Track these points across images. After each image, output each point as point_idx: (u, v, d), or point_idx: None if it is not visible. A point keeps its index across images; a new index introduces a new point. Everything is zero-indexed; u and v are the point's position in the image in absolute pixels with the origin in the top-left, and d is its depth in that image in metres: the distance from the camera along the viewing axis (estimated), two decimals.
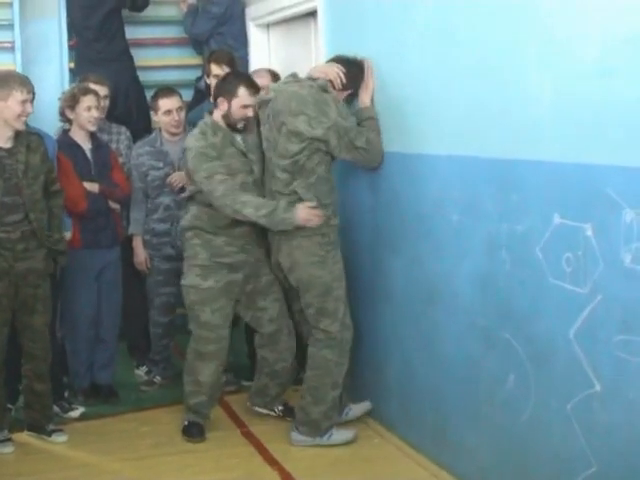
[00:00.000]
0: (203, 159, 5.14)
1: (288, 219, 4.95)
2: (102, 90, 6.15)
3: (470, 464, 4.56)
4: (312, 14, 6.28)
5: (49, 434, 5.40)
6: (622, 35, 3.37)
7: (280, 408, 5.68)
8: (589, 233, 3.58)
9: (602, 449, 3.61)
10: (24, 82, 5.07)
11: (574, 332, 3.69)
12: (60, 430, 5.45)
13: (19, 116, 5.01)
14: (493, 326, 4.26)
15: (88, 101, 5.79)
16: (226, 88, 5.25)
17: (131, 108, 7.05)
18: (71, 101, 5.81)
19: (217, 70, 6.27)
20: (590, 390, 3.63)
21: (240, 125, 5.23)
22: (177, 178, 5.98)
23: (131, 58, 7.30)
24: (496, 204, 4.19)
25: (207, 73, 6.41)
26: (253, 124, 5.29)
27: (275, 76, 6.01)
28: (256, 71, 6.22)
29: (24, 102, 5.01)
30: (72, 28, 7.29)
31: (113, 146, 6.29)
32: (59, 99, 6.02)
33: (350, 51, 5.21)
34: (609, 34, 3.43)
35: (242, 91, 5.19)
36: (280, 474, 4.92)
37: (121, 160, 6.24)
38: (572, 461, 3.77)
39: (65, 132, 5.96)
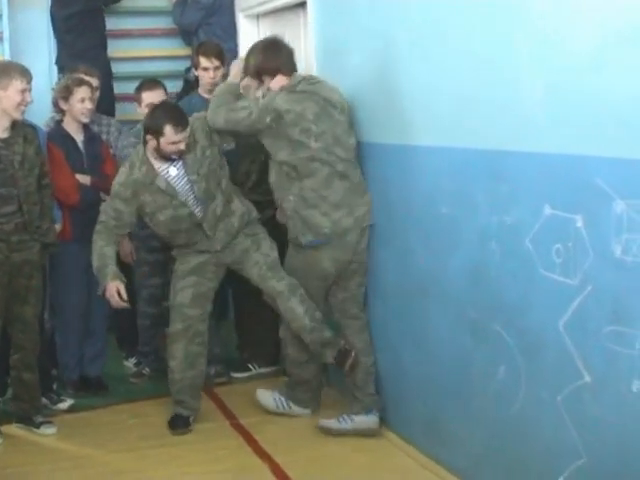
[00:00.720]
0: (114, 195, 5.29)
1: None
2: (93, 81, 6.12)
3: (461, 456, 4.56)
4: (301, 5, 6.25)
5: (38, 426, 5.39)
6: (613, 29, 3.36)
7: None
8: (579, 224, 3.57)
9: (592, 440, 3.61)
10: (24, 72, 5.08)
11: (564, 323, 3.69)
12: (49, 422, 5.44)
13: (19, 105, 5.01)
14: (484, 318, 4.26)
15: (82, 93, 5.76)
16: (152, 126, 5.20)
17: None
18: (65, 92, 5.79)
19: (205, 63, 6.25)
20: (580, 381, 3.63)
21: (174, 156, 5.24)
22: None
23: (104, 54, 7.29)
24: (486, 196, 4.18)
25: (195, 65, 6.38)
26: (191, 144, 5.28)
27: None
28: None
29: (24, 91, 5.01)
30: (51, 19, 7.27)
31: (103, 137, 6.26)
32: (52, 89, 6.00)
33: (339, 42, 5.20)
34: (600, 28, 3.41)
35: (168, 130, 5.13)
36: (270, 466, 4.91)
37: (111, 152, 6.21)
38: (562, 452, 3.76)
39: (58, 123, 5.94)
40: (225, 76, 6.17)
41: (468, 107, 4.26)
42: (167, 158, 5.22)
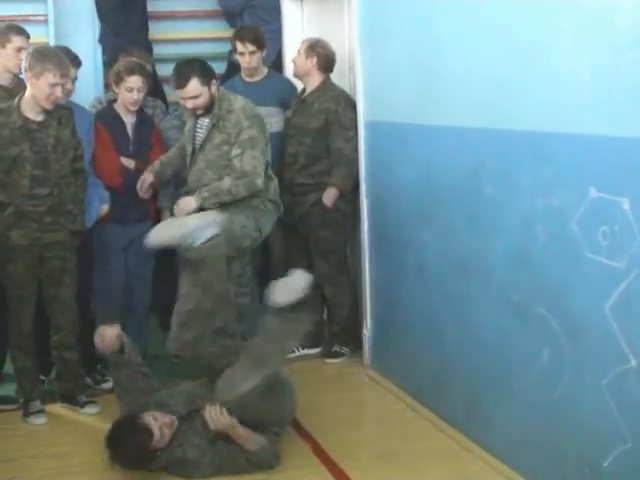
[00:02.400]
0: None
1: None
2: (147, 66, 6.11)
3: (502, 439, 4.54)
4: None
5: (82, 405, 5.43)
6: None
7: None
8: (626, 207, 3.53)
9: (637, 425, 3.58)
10: (59, 65, 4.98)
11: (610, 306, 3.65)
12: (93, 402, 5.49)
13: (47, 98, 4.97)
14: (527, 301, 4.22)
15: (132, 82, 5.77)
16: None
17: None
18: (116, 78, 5.82)
19: (241, 47, 6.29)
20: (626, 365, 3.59)
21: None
22: None
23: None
24: (531, 177, 4.14)
25: (234, 49, 6.39)
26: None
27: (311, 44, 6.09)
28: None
29: (54, 85, 4.94)
30: None
31: None
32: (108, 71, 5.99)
33: (382, 27, 5.18)
34: None
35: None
36: (313, 448, 4.91)
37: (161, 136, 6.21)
38: (607, 437, 3.73)
39: (110, 103, 5.97)
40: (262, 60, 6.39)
41: (512, 88, 4.23)
42: None
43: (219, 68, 7.16)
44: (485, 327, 4.61)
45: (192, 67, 5.34)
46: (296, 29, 7.10)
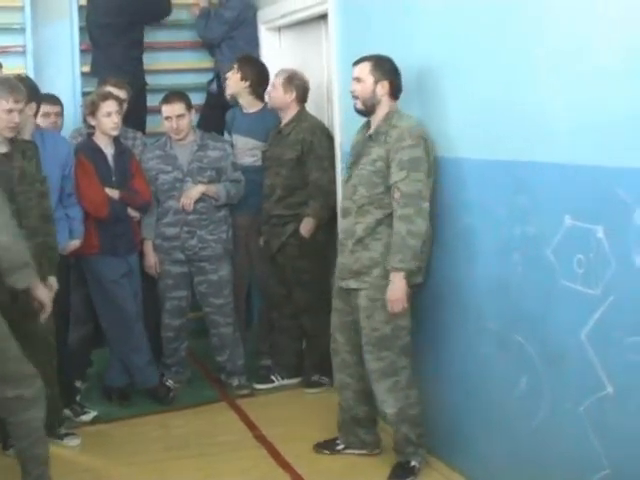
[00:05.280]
0: None
1: None
2: (121, 93, 6.13)
3: (482, 467, 4.55)
4: (323, 17, 6.27)
5: (61, 437, 5.40)
6: (634, 40, 3.35)
7: None
8: (600, 235, 3.56)
9: (615, 451, 3.59)
10: (12, 90, 4.88)
11: (586, 334, 3.67)
12: (73, 434, 5.46)
13: (5, 126, 4.87)
14: (505, 329, 4.24)
15: (107, 107, 5.78)
16: None
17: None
18: (91, 107, 5.82)
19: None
20: (603, 392, 3.61)
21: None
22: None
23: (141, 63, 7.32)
24: (507, 206, 4.17)
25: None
26: None
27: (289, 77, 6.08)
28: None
29: (10, 112, 4.85)
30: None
31: None
32: (81, 106, 5.99)
33: (361, 54, 5.20)
34: (622, 37, 3.42)
35: None
36: (292, 477, 4.91)
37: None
38: (585, 463, 3.75)
39: (89, 136, 5.99)
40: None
41: (489, 118, 4.26)
42: None
43: (199, 99, 7.22)
44: (463, 355, 4.63)
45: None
46: (274, 59, 7.14)
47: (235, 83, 6.46)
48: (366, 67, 4.77)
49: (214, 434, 5.55)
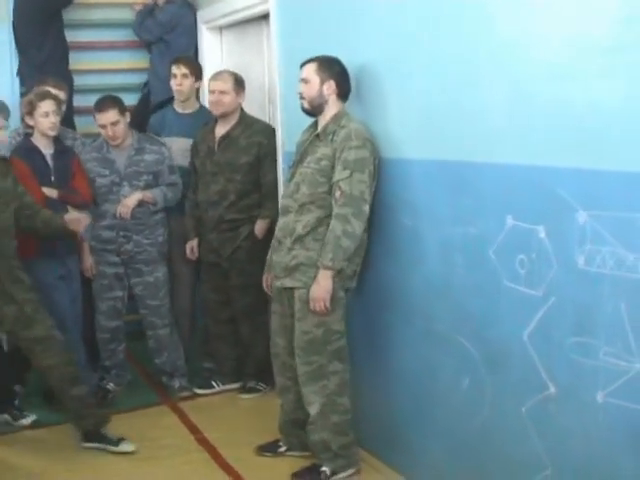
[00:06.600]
0: None
1: None
2: (60, 94, 6.05)
3: (425, 468, 4.55)
4: (265, 17, 6.25)
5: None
6: (575, 39, 3.37)
7: None
8: (542, 235, 3.58)
9: (557, 451, 3.62)
10: None
11: (528, 334, 3.69)
12: None
13: None
14: (448, 330, 4.25)
15: (45, 107, 5.68)
16: None
17: None
18: (29, 107, 5.73)
19: (175, 69, 6.46)
20: (545, 392, 3.63)
21: None
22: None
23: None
24: (449, 207, 4.18)
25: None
26: None
27: (237, 79, 6.02)
28: (218, 73, 6.18)
29: None
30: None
31: None
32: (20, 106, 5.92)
33: (303, 55, 5.19)
34: (561, 36, 3.43)
35: None
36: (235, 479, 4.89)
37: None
38: (527, 463, 3.76)
39: (26, 136, 5.89)
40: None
41: (430, 118, 4.26)
42: None
43: (132, 99, 7.15)
44: (407, 357, 4.63)
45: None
46: (215, 60, 7.10)
47: (191, 86, 6.46)
48: (312, 68, 4.77)
49: (156, 437, 5.50)
